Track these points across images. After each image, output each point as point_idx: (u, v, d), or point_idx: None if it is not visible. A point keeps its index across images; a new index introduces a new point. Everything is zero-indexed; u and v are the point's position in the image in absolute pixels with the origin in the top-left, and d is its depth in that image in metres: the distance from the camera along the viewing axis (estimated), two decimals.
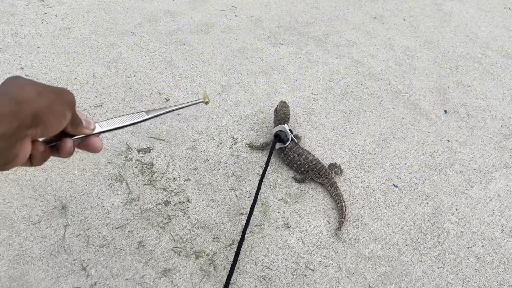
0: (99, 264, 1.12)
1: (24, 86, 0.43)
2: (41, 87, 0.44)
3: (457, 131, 1.63)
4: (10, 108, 0.39)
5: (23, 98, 0.41)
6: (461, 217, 1.34)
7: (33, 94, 0.42)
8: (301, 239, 1.23)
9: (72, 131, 0.50)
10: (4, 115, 0.38)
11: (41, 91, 0.43)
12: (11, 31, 1.85)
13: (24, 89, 0.42)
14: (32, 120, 0.42)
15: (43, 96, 0.43)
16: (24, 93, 0.42)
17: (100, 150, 0.55)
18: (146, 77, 1.70)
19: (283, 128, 1.39)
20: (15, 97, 0.40)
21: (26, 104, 0.41)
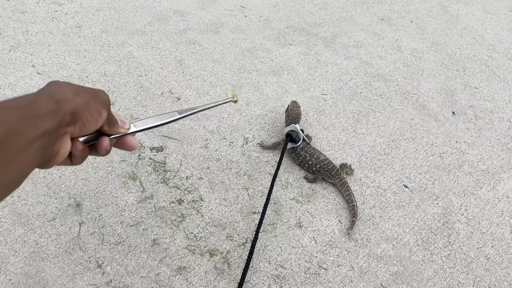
0: (114, 261, 1.13)
1: (62, 86, 0.45)
2: (78, 87, 0.47)
3: (465, 132, 1.64)
4: (50, 106, 0.41)
5: (61, 97, 0.43)
6: (470, 218, 1.35)
7: (71, 93, 0.45)
8: (313, 238, 1.24)
9: (109, 130, 0.53)
10: (45, 113, 0.40)
11: (78, 91, 0.46)
12: (21, 29, 1.86)
13: (62, 89, 0.45)
14: (70, 117, 0.44)
15: (80, 96, 0.45)
16: (63, 93, 0.44)
17: (136, 148, 0.57)
18: (157, 76, 1.71)
19: (295, 127, 1.40)
20: (55, 97, 0.43)
21: (65, 103, 0.43)
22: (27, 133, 0.38)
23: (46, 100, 0.41)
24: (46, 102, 0.41)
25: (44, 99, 0.41)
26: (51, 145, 0.43)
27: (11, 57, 1.70)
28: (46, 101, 0.41)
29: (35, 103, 0.40)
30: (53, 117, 0.41)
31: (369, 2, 2.44)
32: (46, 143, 0.41)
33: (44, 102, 0.41)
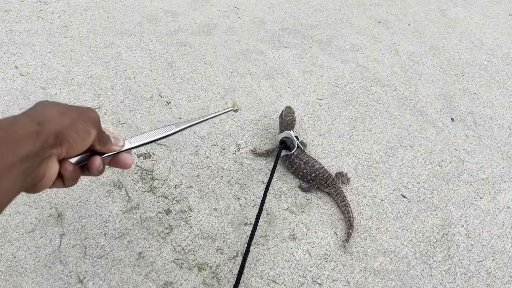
0: (97, 276, 1.06)
1: (46, 107, 0.44)
2: (64, 107, 0.46)
3: (464, 139, 1.59)
4: (31, 129, 0.40)
5: (44, 118, 0.42)
6: (470, 229, 1.30)
7: (55, 113, 0.43)
8: (307, 251, 1.18)
9: (101, 149, 0.51)
10: (25, 136, 0.39)
11: (63, 111, 0.45)
12: (5, 28, 1.78)
13: (46, 110, 0.43)
14: (55, 139, 0.42)
15: (65, 115, 0.44)
16: (46, 113, 0.43)
17: (131, 166, 0.56)
18: (146, 78, 1.65)
19: (289, 134, 1.34)
20: (37, 118, 0.41)
21: (48, 124, 0.42)
22: (5, 158, 0.37)
23: (26, 122, 0.40)
24: (27, 124, 0.40)
25: (25, 121, 0.40)
26: (34, 169, 0.41)
27: None
28: (27, 123, 0.40)
29: (14, 126, 0.39)
30: (35, 139, 0.40)
31: (366, 4, 2.39)
32: (28, 167, 0.40)
33: (24, 124, 0.40)
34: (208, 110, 1.55)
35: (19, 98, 1.48)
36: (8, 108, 1.43)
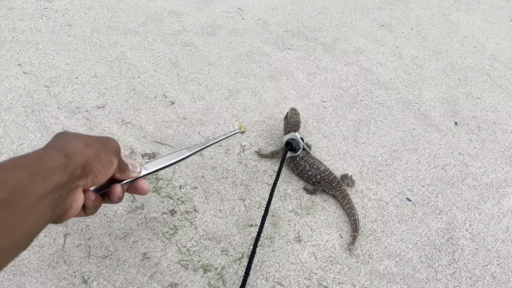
0: (101, 276, 1.05)
1: (71, 139, 0.45)
2: (88, 138, 0.47)
3: (468, 144, 1.59)
4: (60, 161, 0.41)
5: (71, 151, 0.43)
6: (475, 234, 1.30)
7: (81, 145, 0.45)
8: (313, 254, 1.17)
9: (120, 176, 0.53)
10: (55, 168, 0.40)
11: (88, 142, 0.46)
12: (8, 25, 1.77)
13: (72, 142, 0.45)
14: (82, 170, 0.44)
15: (90, 147, 0.45)
16: (72, 145, 0.44)
17: (148, 192, 0.57)
18: (150, 78, 1.64)
19: (295, 136, 1.33)
20: (64, 150, 0.43)
21: (75, 156, 0.43)
22: (36, 190, 0.37)
23: (55, 155, 0.41)
24: (56, 156, 0.41)
25: (53, 153, 0.41)
26: (62, 200, 0.42)
27: None
28: (56, 156, 0.41)
29: (44, 158, 0.40)
30: (63, 171, 0.41)
31: (369, 8, 2.39)
32: (57, 198, 0.41)
33: (53, 156, 0.41)
34: (212, 111, 1.54)
35: (22, 96, 1.47)
36: (11, 106, 1.42)
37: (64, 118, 1.41)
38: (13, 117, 1.39)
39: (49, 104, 1.46)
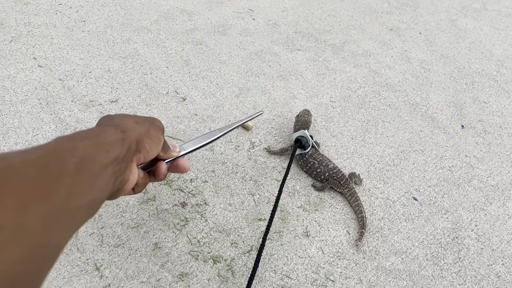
0: (113, 264, 1.08)
1: (123, 118, 0.49)
2: (137, 117, 0.50)
3: (474, 146, 1.61)
4: (118, 135, 0.44)
5: (125, 127, 0.46)
6: (480, 234, 1.31)
7: (132, 123, 0.48)
8: (320, 249, 1.19)
9: (163, 155, 0.56)
10: (114, 141, 0.43)
11: (138, 121, 0.49)
12: (24, 20, 1.81)
13: (124, 120, 0.48)
14: (136, 145, 0.47)
15: (140, 124, 0.49)
16: (125, 123, 0.47)
17: (188, 169, 0.61)
18: (162, 75, 1.67)
19: (304, 133, 1.36)
20: (120, 127, 0.46)
21: (130, 132, 0.46)
22: (100, 159, 0.39)
23: (113, 130, 0.44)
24: (113, 131, 0.44)
25: (111, 129, 0.44)
26: (121, 172, 0.45)
27: (12, 49, 1.65)
28: (113, 131, 0.44)
29: (104, 133, 0.42)
30: (121, 145, 0.44)
31: (378, 11, 2.42)
32: (118, 170, 0.43)
33: (112, 131, 0.44)
34: (223, 108, 1.56)
35: (37, 88, 1.50)
36: (26, 98, 1.45)
37: (78, 111, 1.44)
38: (28, 108, 1.42)
39: (63, 97, 1.48)
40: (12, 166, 0.30)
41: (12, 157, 0.31)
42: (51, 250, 0.31)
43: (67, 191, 0.33)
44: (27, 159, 0.32)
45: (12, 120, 1.37)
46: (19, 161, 0.31)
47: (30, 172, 0.31)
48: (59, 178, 0.33)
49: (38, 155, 0.33)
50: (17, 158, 0.31)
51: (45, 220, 0.30)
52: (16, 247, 0.27)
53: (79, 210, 0.36)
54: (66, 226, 0.34)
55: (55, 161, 0.34)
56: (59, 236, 0.32)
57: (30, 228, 0.28)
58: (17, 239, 0.27)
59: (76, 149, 0.37)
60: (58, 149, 0.36)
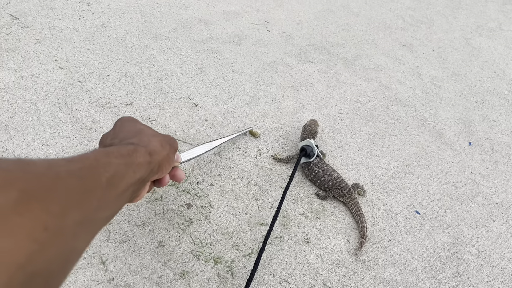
0: (118, 259, 1.12)
1: (151, 137, 0.52)
2: (161, 138, 0.54)
3: (480, 164, 1.62)
4: (146, 159, 0.48)
5: (153, 150, 0.50)
6: (481, 250, 1.32)
7: (158, 145, 0.52)
8: (320, 256, 1.22)
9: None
10: (142, 163, 0.47)
11: (162, 143, 0.53)
12: (49, 24, 1.89)
13: (152, 141, 0.51)
14: (157, 168, 0.51)
15: (164, 148, 0.52)
16: (153, 145, 0.51)
17: (183, 180, 0.65)
18: (177, 81, 1.72)
19: (310, 142, 1.39)
20: (148, 148, 0.49)
21: (155, 155, 0.49)
22: (127, 178, 0.43)
23: (143, 152, 0.48)
24: (143, 154, 0.48)
25: (142, 151, 0.47)
26: (138, 190, 0.49)
27: (36, 50, 1.72)
28: (143, 153, 0.48)
29: (136, 153, 0.46)
30: (147, 168, 0.47)
31: (392, 27, 2.45)
32: (136, 189, 0.47)
33: (142, 153, 0.48)
34: (233, 115, 1.61)
35: (57, 89, 1.57)
36: (46, 97, 1.52)
37: (94, 112, 1.50)
38: (47, 107, 1.49)
39: (81, 98, 1.55)
40: (59, 176, 0.33)
41: (59, 165, 0.34)
42: (76, 254, 0.35)
43: (98, 203, 0.37)
44: (70, 169, 0.35)
45: (32, 118, 1.44)
46: (64, 171, 0.34)
47: (72, 182, 0.34)
48: (93, 191, 0.37)
49: (79, 167, 0.37)
50: (62, 167, 0.34)
51: (77, 227, 0.33)
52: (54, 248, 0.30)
53: (101, 221, 0.40)
54: (90, 233, 0.37)
55: (92, 174, 0.38)
56: (83, 242, 0.36)
57: (66, 233, 0.31)
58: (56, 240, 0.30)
59: (110, 166, 0.40)
60: (95, 163, 0.39)
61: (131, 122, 0.54)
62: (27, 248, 0.26)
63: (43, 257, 0.28)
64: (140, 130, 0.53)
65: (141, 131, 0.53)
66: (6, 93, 1.51)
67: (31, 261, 0.27)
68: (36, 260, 0.27)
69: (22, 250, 0.26)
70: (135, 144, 0.49)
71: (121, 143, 0.50)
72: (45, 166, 0.32)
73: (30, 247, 0.27)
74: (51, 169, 0.32)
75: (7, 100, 1.48)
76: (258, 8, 2.38)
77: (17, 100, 1.49)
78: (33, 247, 0.27)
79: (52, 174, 0.32)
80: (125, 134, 0.52)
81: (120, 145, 0.48)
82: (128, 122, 0.54)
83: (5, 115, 1.43)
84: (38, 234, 0.28)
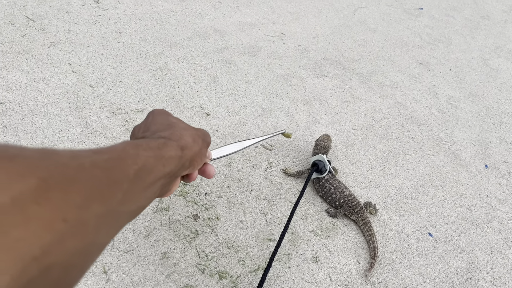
0: (121, 269, 1.09)
1: (182, 131, 0.50)
2: (193, 132, 0.52)
3: (497, 187, 1.57)
4: (177, 152, 0.46)
5: (185, 144, 0.48)
6: (496, 277, 1.27)
7: (190, 140, 0.50)
8: (328, 276, 1.18)
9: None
10: (173, 157, 0.45)
11: (194, 138, 0.51)
12: (64, 27, 1.89)
13: (184, 135, 0.50)
14: (189, 163, 0.49)
15: (196, 143, 0.51)
16: (185, 140, 0.49)
17: (214, 175, 0.61)
18: (189, 89, 1.71)
19: (322, 158, 1.36)
20: (179, 143, 0.48)
21: (187, 150, 0.48)
22: (156, 171, 0.42)
23: (174, 146, 0.46)
24: (174, 148, 0.46)
25: (173, 144, 0.46)
26: (168, 184, 0.47)
27: (50, 53, 1.72)
28: (174, 147, 0.46)
29: (166, 147, 0.45)
30: (178, 162, 0.46)
31: (409, 45, 2.42)
32: (166, 183, 0.46)
33: (173, 147, 0.46)
34: (244, 126, 1.58)
35: (68, 92, 1.56)
36: (57, 101, 1.51)
37: (105, 117, 1.49)
38: (58, 111, 1.47)
39: (92, 102, 1.54)
40: (82, 166, 0.31)
41: (83, 156, 0.33)
42: (97, 249, 0.33)
43: (123, 196, 0.35)
44: (95, 160, 0.33)
45: (42, 121, 1.42)
46: (89, 162, 0.32)
47: (96, 173, 0.32)
48: (118, 183, 0.35)
49: (106, 158, 0.35)
50: (87, 158, 0.33)
51: (99, 220, 0.31)
52: (74, 240, 0.28)
53: (126, 214, 0.38)
54: (113, 227, 0.36)
55: (119, 166, 0.36)
56: (105, 236, 0.34)
57: (87, 225, 0.30)
58: (75, 232, 0.28)
59: (139, 157, 0.39)
60: (123, 155, 0.38)
61: (163, 115, 0.52)
62: (44, 239, 0.25)
63: (61, 250, 0.27)
64: (172, 124, 0.51)
65: (173, 124, 0.51)
66: (18, 94, 1.50)
67: (47, 253, 0.26)
68: (52, 252, 0.26)
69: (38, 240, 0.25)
70: (166, 138, 0.47)
71: (153, 136, 0.49)
72: (69, 156, 0.31)
73: (46, 238, 0.26)
74: (75, 159, 0.31)
75: (18, 102, 1.47)
76: (274, 21, 2.37)
77: (28, 102, 1.48)
78: (50, 238, 0.26)
79: (75, 164, 0.31)
80: (157, 127, 0.51)
81: (150, 138, 0.47)
82: (160, 115, 0.52)
83: (15, 117, 1.41)
84: (56, 225, 0.26)
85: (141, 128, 0.52)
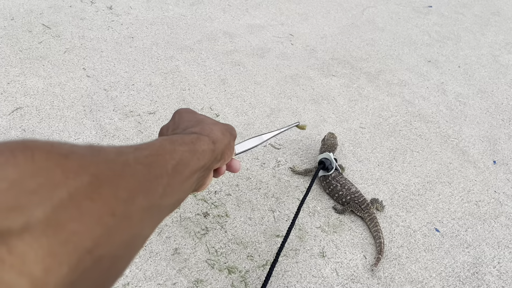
0: (134, 265, 1.14)
1: (212, 125, 0.52)
2: (221, 127, 0.54)
3: (505, 183, 1.58)
4: (210, 146, 0.48)
5: (215, 138, 0.50)
6: (503, 271, 1.28)
7: (220, 134, 0.52)
8: (335, 270, 1.21)
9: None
10: (206, 151, 0.47)
11: (223, 132, 0.53)
12: (78, 33, 1.96)
13: (213, 130, 0.51)
14: (220, 155, 0.51)
15: (225, 136, 0.52)
16: (215, 134, 0.51)
17: (239, 170, 0.63)
18: (199, 91, 1.75)
19: (329, 156, 1.39)
20: (212, 138, 0.50)
21: (218, 143, 0.50)
22: (192, 165, 0.43)
23: (207, 140, 0.48)
24: (207, 142, 0.48)
25: (206, 139, 0.48)
26: (203, 177, 0.49)
27: (65, 59, 1.79)
28: (207, 141, 0.48)
29: (199, 141, 0.46)
30: (210, 155, 0.47)
31: (418, 43, 2.43)
32: (201, 176, 0.48)
33: (206, 142, 0.47)
34: (253, 126, 1.62)
35: (83, 96, 1.62)
36: (73, 104, 1.57)
37: (118, 119, 1.54)
38: (73, 114, 1.53)
39: (106, 105, 1.59)
40: (127, 162, 0.34)
41: (127, 153, 0.35)
42: (141, 240, 0.35)
43: (163, 190, 0.37)
44: (138, 156, 0.36)
45: (58, 124, 1.48)
46: (132, 158, 0.35)
47: (139, 169, 0.35)
48: (159, 178, 0.37)
49: (146, 154, 0.37)
50: (131, 154, 0.35)
51: (143, 213, 0.34)
52: (122, 233, 0.30)
53: (166, 207, 0.40)
54: (155, 220, 0.38)
55: (159, 161, 0.38)
56: (148, 228, 0.36)
57: (132, 219, 0.32)
58: (123, 226, 0.30)
59: (176, 153, 0.41)
60: (161, 150, 0.40)
61: (190, 113, 0.56)
62: (95, 233, 0.27)
63: (110, 242, 0.29)
64: (201, 120, 0.54)
65: (202, 120, 0.54)
66: (35, 99, 1.56)
67: (98, 246, 0.27)
68: (103, 244, 0.28)
69: (90, 234, 0.27)
70: (197, 133, 0.49)
71: (184, 132, 0.51)
72: (115, 153, 0.33)
73: (97, 231, 0.27)
74: (121, 156, 0.33)
75: (35, 106, 1.53)
76: (283, 22, 2.41)
77: (44, 106, 1.54)
78: (101, 231, 0.28)
79: (121, 161, 0.33)
80: (186, 124, 0.53)
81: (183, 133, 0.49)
82: (186, 113, 0.55)
83: (33, 120, 1.48)
84: (106, 219, 0.28)
85: (169, 127, 0.54)
